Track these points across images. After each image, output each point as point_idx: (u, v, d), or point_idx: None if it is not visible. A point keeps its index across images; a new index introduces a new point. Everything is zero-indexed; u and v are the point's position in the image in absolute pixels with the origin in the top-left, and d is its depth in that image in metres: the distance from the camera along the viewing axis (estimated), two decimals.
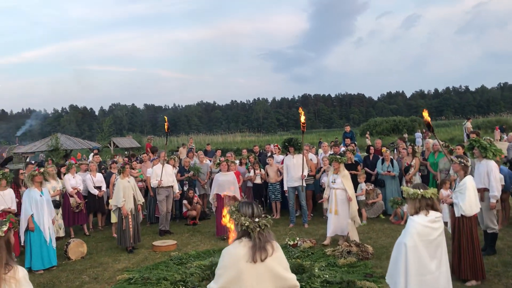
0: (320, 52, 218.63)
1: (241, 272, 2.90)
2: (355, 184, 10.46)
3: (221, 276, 2.96)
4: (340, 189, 8.38)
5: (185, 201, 11.30)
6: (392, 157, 11.20)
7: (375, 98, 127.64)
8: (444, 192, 8.00)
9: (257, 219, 2.98)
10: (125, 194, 8.70)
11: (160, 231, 10.05)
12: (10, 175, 9.26)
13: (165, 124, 10.96)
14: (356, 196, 10.32)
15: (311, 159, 11.26)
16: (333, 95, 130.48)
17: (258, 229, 2.96)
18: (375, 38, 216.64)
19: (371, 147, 12.18)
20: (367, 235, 8.94)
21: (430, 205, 4.18)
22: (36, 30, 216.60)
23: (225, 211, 3.20)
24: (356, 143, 14.65)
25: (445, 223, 7.00)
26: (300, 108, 9.04)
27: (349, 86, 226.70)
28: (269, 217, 3.06)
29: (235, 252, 2.96)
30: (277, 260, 2.98)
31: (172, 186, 10.31)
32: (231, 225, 3.15)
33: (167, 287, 6.19)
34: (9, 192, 8.49)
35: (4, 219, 3.33)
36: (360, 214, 10.28)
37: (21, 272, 3.07)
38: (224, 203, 9.20)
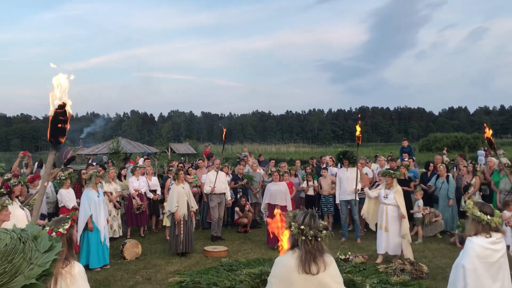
0: (379, 64, 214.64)
1: (292, 282, 2.90)
2: (409, 200, 10.18)
3: (272, 285, 3.01)
4: (392, 205, 8.09)
5: (237, 208, 11.42)
6: (451, 174, 10.78)
7: (436, 113, 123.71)
8: (507, 213, 7.59)
9: (302, 227, 2.96)
10: (178, 200, 8.87)
11: (212, 236, 10.20)
12: (74, 175, 9.79)
13: (223, 132, 11.16)
14: (413, 213, 10.04)
15: (366, 173, 11.05)
16: (391, 108, 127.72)
17: (303, 237, 2.94)
18: (438, 51, 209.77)
19: (431, 164, 11.78)
20: (422, 254, 8.62)
21: (493, 229, 3.96)
22: (103, 38, 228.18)
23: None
24: (414, 158, 14.21)
25: (508, 247, 6.63)
26: (359, 121, 8.89)
27: (408, 100, 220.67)
28: (324, 231, 3.01)
29: (287, 262, 2.97)
30: (330, 274, 2.94)
31: (224, 193, 10.46)
32: (285, 234, 3.15)
33: None
34: (72, 191, 8.99)
35: (67, 216, 3.51)
36: (416, 232, 9.98)
37: (77, 268, 3.19)
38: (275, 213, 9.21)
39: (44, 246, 1.71)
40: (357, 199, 9.62)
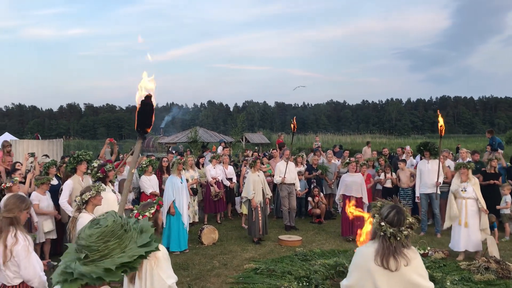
0: (462, 51, 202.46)
1: (371, 272, 2.90)
2: (498, 195, 9.58)
3: (352, 274, 3.05)
4: (471, 198, 7.66)
5: (310, 199, 11.38)
6: None
7: None
8: None
9: (382, 223, 2.92)
10: (254, 187, 9.07)
11: (286, 226, 10.27)
12: (156, 162, 10.27)
13: (293, 123, 11.11)
14: (500, 210, 9.45)
15: (448, 166, 10.54)
16: (476, 98, 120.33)
17: (381, 233, 2.91)
18: None
19: None
20: (510, 253, 8.10)
21: None
22: (181, 30, 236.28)
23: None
24: (501, 150, 13.29)
25: None
26: (438, 110, 8.49)
27: (495, 89, 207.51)
28: (406, 231, 2.93)
29: (366, 251, 2.98)
30: (414, 268, 2.89)
31: (294, 184, 10.46)
32: (366, 224, 3.12)
33: (291, 281, 6.32)
34: (154, 178, 9.44)
35: (154, 201, 3.71)
36: (503, 229, 9.40)
37: (161, 251, 3.38)
38: (349, 204, 9.09)
39: (143, 241, 1.75)
40: (439, 192, 9.23)
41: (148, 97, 2.42)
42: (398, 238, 2.88)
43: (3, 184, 6.79)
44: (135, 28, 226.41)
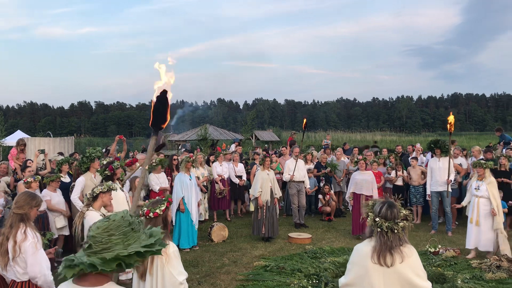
0: (474, 48, 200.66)
1: (367, 270, 2.91)
2: (510, 193, 9.46)
3: (350, 272, 3.08)
4: (484, 197, 7.53)
5: (320, 196, 11.36)
6: None
7: None
8: None
9: (377, 219, 2.92)
10: (262, 185, 9.02)
11: (295, 223, 10.26)
12: (166, 161, 10.32)
13: (304, 122, 11.15)
14: None
15: (460, 164, 10.45)
16: (487, 95, 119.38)
17: (378, 229, 2.90)
18: None
19: None
20: None
21: None
22: (192, 28, 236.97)
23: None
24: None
25: None
26: (450, 112, 8.44)
27: (507, 86, 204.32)
28: (402, 222, 2.93)
29: (363, 249, 3.00)
30: (409, 266, 2.88)
31: (303, 181, 10.44)
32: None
33: (301, 279, 6.31)
34: (163, 175, 9.48)
35: (163, 198, 3.73)
36: None
37: (171, 248, 3.38)
38: (361, 202, 9.05)
39: (147, 242, 1.75)
40: (450, 190, 9.15)
41: (164, 93, 2.42)
42: (395, 231, 2.88)
43: (24, 179, 6.89)
44: (146, 26, 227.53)
